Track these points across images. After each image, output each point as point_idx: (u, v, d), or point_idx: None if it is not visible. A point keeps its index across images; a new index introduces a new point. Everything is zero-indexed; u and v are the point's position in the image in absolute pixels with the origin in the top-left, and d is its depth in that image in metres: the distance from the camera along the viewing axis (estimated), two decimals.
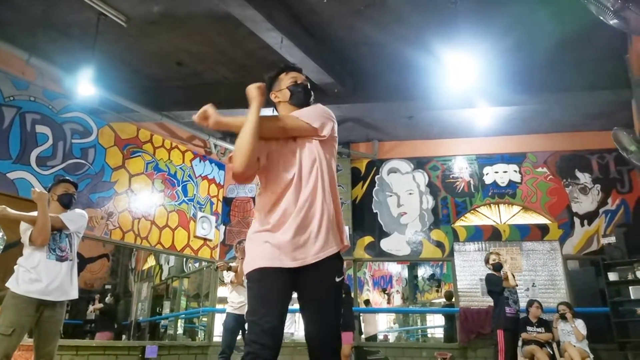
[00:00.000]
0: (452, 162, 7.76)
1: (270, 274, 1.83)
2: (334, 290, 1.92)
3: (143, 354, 6.07)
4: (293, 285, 1.87)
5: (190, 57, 5.80)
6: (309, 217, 1.89)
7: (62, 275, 3.32)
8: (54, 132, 5.76)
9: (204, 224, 7.71)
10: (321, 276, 1.89)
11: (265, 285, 1.83)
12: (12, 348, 3.13)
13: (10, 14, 4.90)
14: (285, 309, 1.83)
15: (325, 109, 2.10)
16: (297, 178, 1.93)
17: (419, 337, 11.35)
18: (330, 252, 1.88)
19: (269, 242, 1.87)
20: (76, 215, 3.53)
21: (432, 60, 5.41)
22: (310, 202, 1.90)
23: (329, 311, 1.90)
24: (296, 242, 1.85)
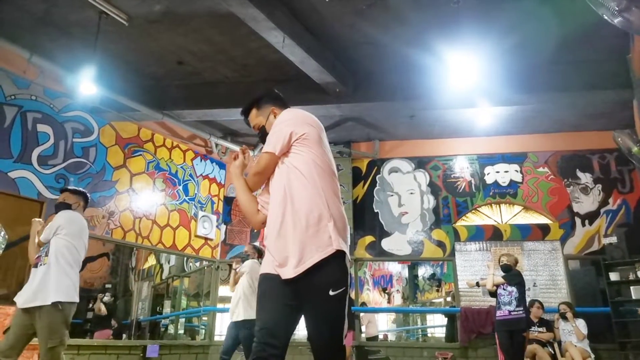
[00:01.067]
0: (453, 161, 7.75)
1: (270, 279, 1.88)
2: (328, 305, 1.81)
3: (144, 353, 6.07)
4: (294, 294, 1.85)
5: (191, 56, 5.80)
6: (284, 236, 1.88)
7: (34, 280, 3.39)
8: (55, 131, 5.76)
9: (205, 223, 7.71)
10: (311, 290, 1.82)
11: (265, 288, 1.88)
12: (6, 346, 3.30)
13: (11, 12, 4.89)
14: (285, 311, 1.83)
15: (280, 119, 2.07)
16: (272, 202, 1.98)
17: (419, 337, 11.35)
18: (310, 263, 1.80)
19: (270, 252, 1.93)
20: (48, 225, 3.59)
21: (434, 59, 5.41)
22: (282, 221, 1.89)
23: (324, 326, 1.83)
24: (280, 260, 1.87)
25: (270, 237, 1.93)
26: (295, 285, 1.84)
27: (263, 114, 2.21)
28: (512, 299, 5.39)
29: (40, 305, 3.31)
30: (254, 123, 2.25)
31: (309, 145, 1.97)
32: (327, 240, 1.83)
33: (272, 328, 1.79)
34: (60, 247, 3.45)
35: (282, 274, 1.85)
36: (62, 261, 3.43)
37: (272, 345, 1.76)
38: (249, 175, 2.11)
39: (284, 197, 1.91)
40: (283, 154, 1.99)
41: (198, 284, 10.23)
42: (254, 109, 2.25)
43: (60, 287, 3.36)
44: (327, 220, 1.86)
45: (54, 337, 3.30)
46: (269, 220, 1.98)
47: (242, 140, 7.92)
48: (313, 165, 1.94)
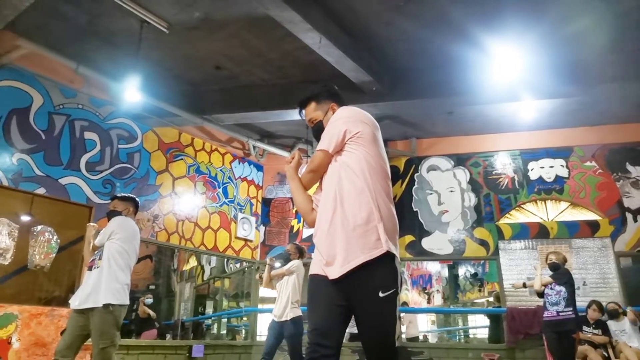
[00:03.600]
0: (495, 157, 7.55)
1: (318, 280, 1.90)
2: (379, 306, 1.80)
3: (190, 353, 6.21)
4: (343, 295, 1.85)
5: (228, 60, 5.88)
6: (333, 235, 1.88)
7: (87, 283, 3.57)
8: (101, 138, 5.97)
9: (245, 225, 7.81)
10: (360, 291, 1.82)
11: (314, 290, 1.92)
12: (63, 347, 3.45)
13: (58, 25, 5.09)
14: (335, 312, 1.83)
15: (337, 116, 2.07)
16: (323, 200, 2.00)
17: (461, 338, 11.13)
18: (355, 263, 1.79)
19: (318, 250, 1.95)
20: (103, 230, 3.78)
21: (475, 53, 5.28)
22: (331, 220, 1.90)
23: (375, 328, 1.83)
24: (328, 259, 1.88)
25: (319, 236, 1.94)
26: (343, 286, 1.83)
27: (322, 109, 2.20)
28: (560, 299, 5.20)
29: (93, 307, 3.45)
30: (310, 117, 2.22)
31: (362, 143, 1.96)
32: (375, 242, 1.81)
33: (323, 329, 1.80)
34: (113, 252, 3.59)
35: (329, 273, 1.85)
36: (113, 265, 3.56)
37: (324, 346, 1.77)
38: (303, 172, 2.15)
39: (334, 196, 1.91)
40: (337, 152, 1.99)
41: (237, 285, 10.40)
42: (313, 102, 2.22)
43: (111, 289, 3.49)
44: (376, 221, 1.83)
45: (105, 338, 3.43)
46: (318, 218, 1.99)
47: (278, 142, 7.98)
48: (365, 164, 1.92)
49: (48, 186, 5.31)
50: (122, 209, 3.86)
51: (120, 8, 4.72)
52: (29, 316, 4.88)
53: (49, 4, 4.63)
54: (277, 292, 5.26)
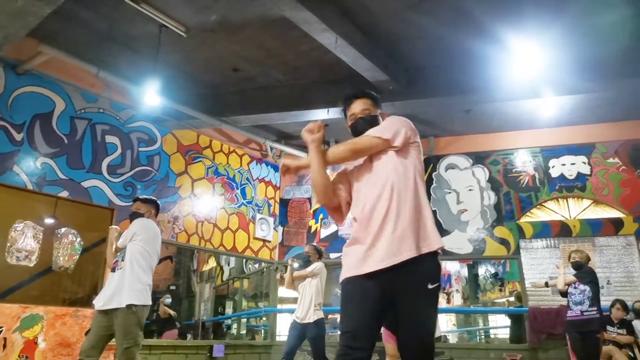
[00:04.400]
0: (514, 155, 7.44)
1: (354, 282, 1.93)
2: (426, 298, 1.90)
3: (211, 352, 6.27)
4: (386, 290, 1.89)
5: (245, 62, 5.93)
6: (385, 229, 1.92)
7: (111, 284, 3.64)
8: (122, 141, 6.07)
9: (263, 225, 7.85)
10: (410, 283, 1.90)
11: (349, 292, 1.95)
12: (87, 347, 3.53)
13: (79, 30, 5.19)
14: (371, 314, 1.88)
15: (400, 119, 2.17)
16: (375, 195, 2.00)
17: (481, 338, 10.99)
18: (407, 255, 1.87)
19: (364, 242, 1.98)
20: (125, 231, 3.85)
21: (494, 50, 5.21)
22: (385, 215, 1.94)
23: (419, 321, 1.91)
24: (378, 254, 1.91)
25: (369, 229, 1.94)
26: (388, 279, 1.86)
27: (374, 110, 2.26)
28: (584, 298, 5.10)
29: (116, 308, 3.51)
30: (361, 108, 2.24)
31: (417, 151, 2.14)
32: (425, 238, 1.93)
33: (356, 331, 1.82)
34: (135, 253, 3.65)
35: (374, 265, 1.87)
36: (136, 266, 3.62)
37: (356, 349, 1.79)
38: (342, 148, 2.09)
39: (390, 192, 1.97)
40: (395, 150, 2.06)
41: (256, 285, 10.47)
42: (370, 100, 2.27)
43: (134, 290, 3.55)
44: (425, 219, 1.98)
45: (129, 337, 3.48)
46: (368, 209, 1.98)
47: (295, 143, 8.00)
48: (418, 170, 2.09)
49: (71, 189, 5.43)
50: (145, 211, 3.92)
51: (139, 13, 4.79)
52: (54, 317, 4.99)
53: (70, 10, 4.73)
54: (299, 293, 5.26)
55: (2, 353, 4.57)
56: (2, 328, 4.60)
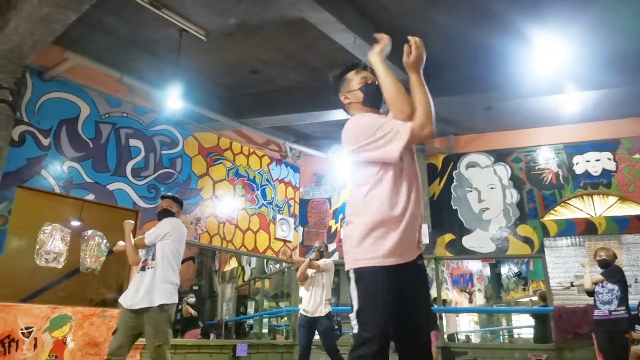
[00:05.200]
0: (537, 152, 7.32)
1: (378, 272, 1.91)
2: (428, 293, 2.20)
3: (234, 352, 6.35)
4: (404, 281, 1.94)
5: (263, 64, 5.97)
6: (415, 218, 2.01)
7: (142, 283, 3.65)
8: (145, 144, 6.17)
9: (283, 225, 7.90)
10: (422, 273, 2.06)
11: (376, 282, 1.95)
12: (116, 346, 3.54)
13: (102, 37, 5.31)
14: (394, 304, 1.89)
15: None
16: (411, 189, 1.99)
17: (505, 338, 10.86)
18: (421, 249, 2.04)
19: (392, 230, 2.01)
20: (153, 229, 3.88)
21: (515, 45, 5.14)
22: (416, 207, 2.01)
23: (429, 309, 2.08)
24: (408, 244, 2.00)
25: (408, 218, 1.92)
26: (410, 270, 1.90)
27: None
28: (612, 297, 5.00)
29: (148, 307, 3.58)
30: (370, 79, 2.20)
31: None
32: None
33: (385, 327, 1.80)
34: (167, 252, 3.73)
35: (404, 257, 1.89)
36: (167, 265, 3.70)
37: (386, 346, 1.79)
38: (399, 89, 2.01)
39: (417, 186, 2.01)
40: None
41: (276, 285, 10.53)
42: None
43: (165, 290, 3.63)
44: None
45: (160, 335, 3.56)
46: (412, 201, 1.95)
47: (314, 144, 8.03)
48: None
49: (97, 192, 5.55)
50: (175, 210, 4.00)
51: (160, 18, 4.87)
52: (82, 317, 5.11)
53: (93, 17, 4.83)
54: (307, 288, 5.36)
55: (33, 353, 4.70)
56: (33, 328, 4.73)
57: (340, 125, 7.30)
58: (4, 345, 4.53)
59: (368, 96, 2.11)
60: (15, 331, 4.62)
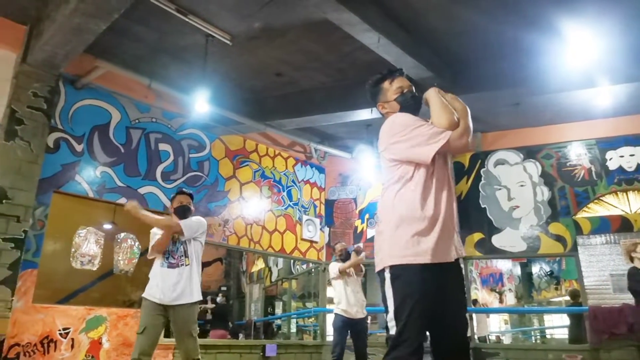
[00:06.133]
0: (568, 148, 7.13)
1: (424, 270, 1.97)
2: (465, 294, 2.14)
3: (263, 352, 6.41)
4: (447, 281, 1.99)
5: (287, 66, 6.01)
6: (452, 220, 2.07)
7: (173, 280, 3.68)
8: (174, 148, 6.30)
9: (310, 226, 7.93)
10: (461, 275, 2.10)
11: (420, 282, 1.98)
12: (147, 345, 3.52)
13: (131, 44, 5.44)
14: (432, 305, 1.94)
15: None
16: (450, 192, 2.06)
17: (536, 338, 10.62)
18: (462, 252, 2.08)
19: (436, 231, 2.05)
20: (193, 222, 3.88)
21: (544, 39, 5.03)
22: (454, 209, 2.10)
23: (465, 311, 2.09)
24: (450, 245, 2.07)
25: (443, 218, 1.96)
26: (447, 271, 1.92)
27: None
28: None
29: (184, 303, 3.68)
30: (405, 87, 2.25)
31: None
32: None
33: (422, 327, 1.82)
34: (199, 250, 3.88)
35: (440, 257, 1.90)
36: (199, 263, 3.87)
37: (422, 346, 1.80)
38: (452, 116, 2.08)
39: (449, 190, 2.06)
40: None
41: (303, 286, 10.57)
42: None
43: (198, 286, 3.78)
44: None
45: (195, 327, 3.72)
46: (451, 201, 2.03)
47: (339, 144, 8.03)
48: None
49: (128, 196, 5.67)
50: (193, 208, 4.10)
51: (187, 24, 4.96)
52: (117, 318, 5.24)
53: (122, 25, 4.95)
54: (344, 289, 5.36)
55: (71, 353, 4.85)
56: (70, 329, 4.88)
57: (364, 125, 7.34)
58: (43, 346, 4.69)
59: (405, 106, 2.17)
60: (53, 332, 4.78)
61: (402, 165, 2.02)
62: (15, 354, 4.49)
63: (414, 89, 2.22)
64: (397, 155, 2.03)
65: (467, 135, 1.99)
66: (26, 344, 4.58)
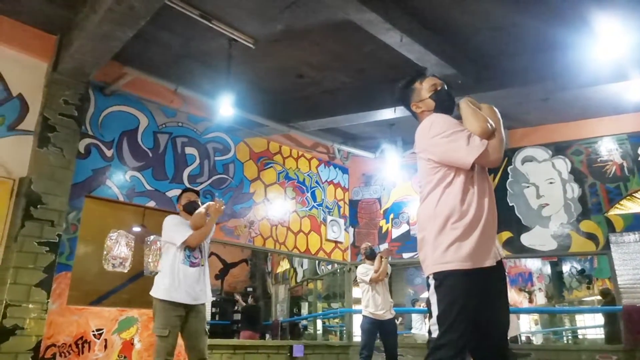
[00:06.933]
0: (599, 144, 6.93)
1: (470, 275, 2.01)
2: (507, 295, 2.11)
3: (291, 352, 6.44)
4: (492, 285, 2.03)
5: (309, 68, 6.02)
6: (493, 226, 2.18)
7: (195, 279, 3.70)
8: (199, 152, 6.39)
9: (334, 227, 7.93)
10: (503, 277, 2.15)
11: (466, 287, 1.99)
12: (172, 348, 3.53)
13: (156, 50, 5.54)
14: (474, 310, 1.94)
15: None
16: (489, 191, 2.11)
17: (568, 339, 10.37)
18: (502, 253, 2.14)
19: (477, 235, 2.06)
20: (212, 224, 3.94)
21: (572, 33, 4.90)
22: (495, 213, 2.19)
23: (507, 317, 2.08)
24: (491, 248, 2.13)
25: (483, 223, 1.98)
26: (490, 275, 1.93)
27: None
28: None
29: (203, 303, 3.77)
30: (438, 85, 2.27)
31: None
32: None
33: (465, 332, 1.81)
34: (208, 250, 3.96)
35: (483, 262, 1.92)
36: (207, 264, 3.94)
37: (464, 351, 1.80)
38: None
39: (490, 193, 2.09)
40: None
41: (328, 286, 10.59)
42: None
43: (209, 288, 3.88)
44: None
45: (206, 325, 3.82)
46: (494, 205, 2.09)
47: (362, 144, 8.01)
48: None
49: (157, 199, 5.80)
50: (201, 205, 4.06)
51: (210, 29, 5.03)
52: (147, 319, 5.34)
53: (148, 32, 5.05)
54: (371, 292, 5.36)
55: (104, 353, 4.98)
56: (103, 330, 5.01)
57: (387, 124, 7.29)
58: (78, 346, 4.82)
59: (440, 103, 2.18)
60: (87, 333, 4.91)
61: (441, 168, 2.02)
62: (52, 354, 4.64)
63: (445, 87, 2.23)
64: (436, 156, 2.02)
65: (502, 149, 2.01)
66: (62, 344, 4.72)
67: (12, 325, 4.21)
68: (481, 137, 1.97)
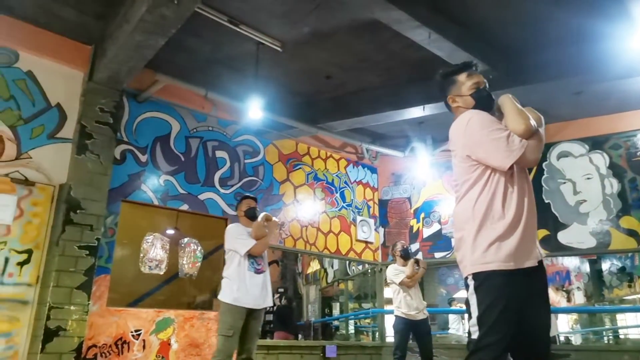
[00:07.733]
0: (638, 137, 6.67)
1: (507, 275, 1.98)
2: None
3: (324, 353, 6.46)
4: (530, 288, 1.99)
5: (336, 68, 6.03)
6: (533, 225, 2.15)
7: (260, 285, 3.89)
8: (230, 155, 6.49)
9: (364, 227, 7.91)
10: (544, 280, 2.14)
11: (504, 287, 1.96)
12: (233, 348, 3.77)
13: (186, 57, 5.66)
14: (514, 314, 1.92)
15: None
16: (528, 190, 2.09)
17: (609, 339, 10.01)
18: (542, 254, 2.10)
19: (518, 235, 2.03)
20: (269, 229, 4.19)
21: (606, 23, 4.74)
22: (534, 213, 2.17)
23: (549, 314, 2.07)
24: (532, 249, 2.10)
25: (523, 223, 1.95)
26: (530, 276, 1.89)
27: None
28: None
29: (264, 307, 3.99)
30: (481, 84, 2.19)
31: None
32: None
33: (505, 333, 1.78)
34: (267, 256, 4.14)
35: (523, 262, 1.87)
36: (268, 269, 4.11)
37: (505, 352, 1.78)
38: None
39: (530, 192, 2.06)
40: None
41: (359, 287, 10.56)
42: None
43: (270, 292, 4.05)
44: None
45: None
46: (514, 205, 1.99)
47: (390, 143, 7.96)
48: None
49: (190, 202, 5.92)
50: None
51: (238, 34, 5.10)
52: (184, 320, 5.47)
53: (177, 39, 5.14)
54: (402, 293, 5.35)
55: (143, 353, 5.11)
56: (141, 331, 5.15)
57: (416, 123, 7.21)
58: (117, 347, 4.97)
59: (480, 103, 2.09)
60: (126, 334, 5.05)
61: (479, 166, 1.96)
62: (93, 354, 4.80)
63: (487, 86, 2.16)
64: (474, 154, 1.96)
65: (541, 150, 1.96)
66: (102, 345, 4.88)
67: (56, 327, 4.38)
68: (523, 136, 1.90)
